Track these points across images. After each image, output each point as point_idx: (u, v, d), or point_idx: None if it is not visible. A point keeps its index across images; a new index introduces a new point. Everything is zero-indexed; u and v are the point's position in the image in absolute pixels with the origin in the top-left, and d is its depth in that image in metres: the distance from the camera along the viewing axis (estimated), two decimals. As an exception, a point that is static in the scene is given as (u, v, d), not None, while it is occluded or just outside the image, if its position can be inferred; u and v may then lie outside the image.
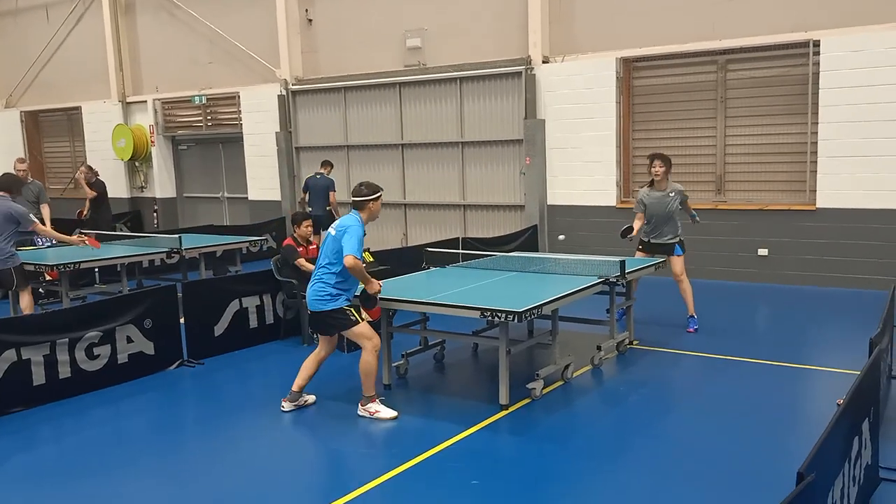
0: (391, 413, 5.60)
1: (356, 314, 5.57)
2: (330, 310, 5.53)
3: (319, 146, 14.07)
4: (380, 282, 5.77)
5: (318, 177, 12.26)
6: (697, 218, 8.02)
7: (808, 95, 9.75)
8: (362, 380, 5.61)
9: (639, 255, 7.88)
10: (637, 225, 7.74)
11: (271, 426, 5.72)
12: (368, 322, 7.33)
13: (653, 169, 7.67)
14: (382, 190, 5.79)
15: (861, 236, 9.54)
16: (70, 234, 12.67)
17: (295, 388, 5.79)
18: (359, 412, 5.63)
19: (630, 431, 5.40)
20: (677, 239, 7.80)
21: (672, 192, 7.68)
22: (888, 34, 9.11)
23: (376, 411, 5.60)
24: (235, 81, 15.05)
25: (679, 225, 7.82)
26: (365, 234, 5.59)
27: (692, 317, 7.81)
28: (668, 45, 10.63)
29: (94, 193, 13.02)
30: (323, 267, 5.56)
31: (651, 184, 7.77)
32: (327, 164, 12.43)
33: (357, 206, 5.66)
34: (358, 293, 5.74)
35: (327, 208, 12.16)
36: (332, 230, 5.62)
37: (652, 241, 7.86)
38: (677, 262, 7.71)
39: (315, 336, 7.83)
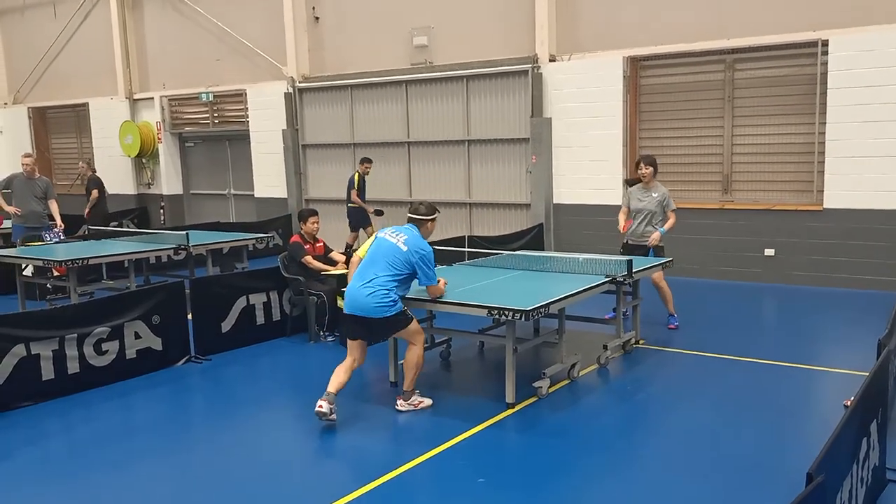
0: (429, 400, 5.83)
1: (409, 313, 5.69)
2: (394, 314, 5.55)
3: (326, 143, 14.09)
4: (443, 280, 5.94)
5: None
6: (663, 231, 7.78)
7: (817, 95, 9.73)
8: (410, 374, 5.71)
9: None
10: (621, 219, 8.00)
11: (278, 422, 5.75)
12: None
13: (639, 171, 7.85)
14: (439, 212, 6.00)
15: (868, 237, 9.52)
16: (77, 230, 12.81)
17: (331, 389, 5.55)
18: (399, 407, 5.72)
19: (637, 429, 5.41)
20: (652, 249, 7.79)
21: (656, 193, 7.78)
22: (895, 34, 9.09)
23: (420, 402, 5.78)
24: (242, 79, 15.08)
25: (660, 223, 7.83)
26: None
27: (672, 315, 7.91)
28: (675, 45, 10.61)
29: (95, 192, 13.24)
30: (384, 276, 5.52)
31: (639, 181, 7.94)
32: (364, 161, 12.32)
33: (416, 224, 5.76)
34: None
35: (349, 204, 12.24)
36: (393, 238, 5.63)
37: (630, 242, 7.93)
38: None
39: (339, 340, 7.81)
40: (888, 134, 9.23)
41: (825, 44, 9.52)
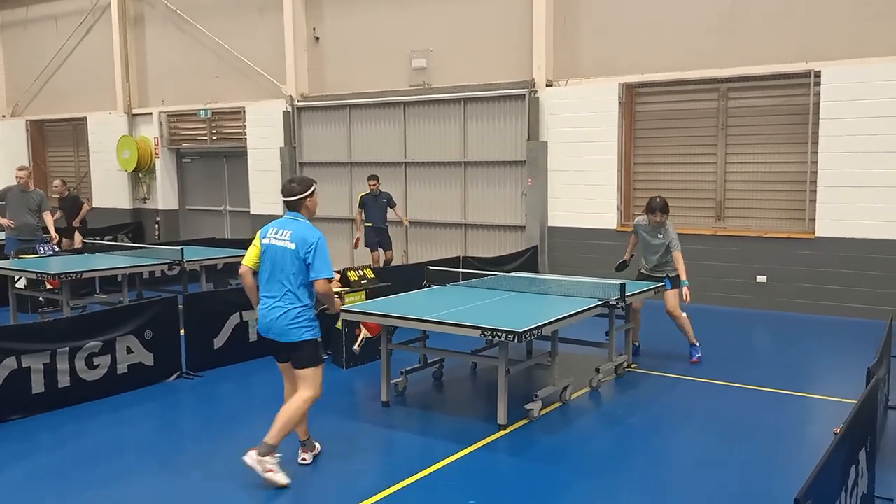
0: (286, 479, 4.74)
1: (321, 352, 5.00)
2: (309, 340, 4.86)
3: (323, 162, 14.16)
4: (339, 298, 5.32)
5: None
6: (686, 283, 7.45)
7: (809, 125, 9.85)
8: (280, 425, 4.79)
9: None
10: (629, 250, 7.97)
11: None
12: (368, 338, 7.39)
13: (652, 217, 7.51)
14: (316, 183, 5.15)
15: (859, 266, 9.59)
16: (71, 242, 12.77)
17: (302, 436, 5.17)
18: (248, 459, 4.74)
19: (628, 454, 5.41)
20: (668, 274, 7.62)
21: (661, 236, 7.54)
22: (888, 66, 9.23)
23: (271, 470, 4.72)
24: (241, 96, 15.17)
25: (671, 261, 7.54)
26: None
27: (694, 345, 7.70)
28: (670, 73, 10.75)
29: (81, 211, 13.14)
30: (290, 290, 4.81)
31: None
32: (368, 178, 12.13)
33: (294, 207, 4.97)
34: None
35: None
36: (278, 240, 4.86)
37: (643, 271, 7.84)
38: (669, 297, 7.57)
39: (331, 358, 7.76)
40: (879, 165, 9.35)
41: (817, 75, 9.66)
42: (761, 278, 10.23)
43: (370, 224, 12.00)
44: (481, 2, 12.27)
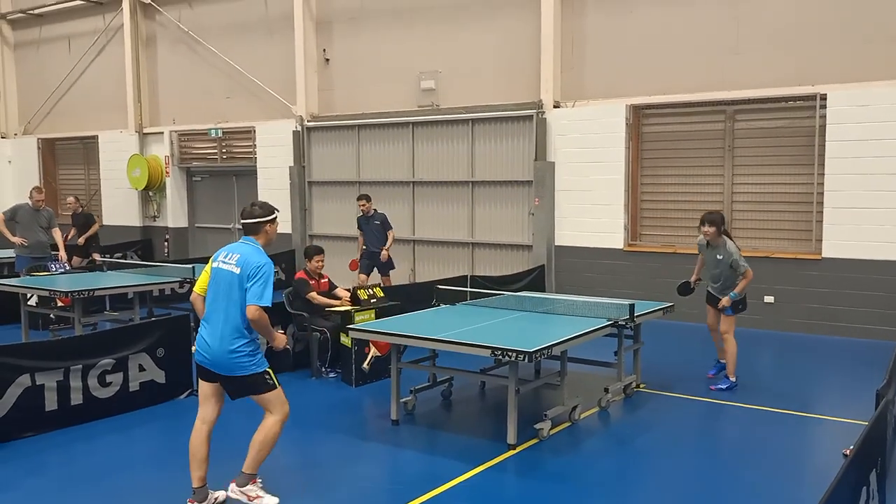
0: (274, 500, 4.65)
1: (273, 376, 4.66)
2: (252, 374, 4.56)
3: (332, 181, 14.27)
4: (285, 337, 5.00)
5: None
6: (733, 295, 7.31)
7: (815, 147, 9.92)
8: (256, 453, 4.62)
9: (708, 307, 7.71)
10: (696, 271, 7.84)
11: (275, 460, 5.73)
12: (377, 357, 7.43)
13: (702, 228, 7.32)
14: (278, 211, 4.93)
15: (866, 287, 9.61)
16: (81, 259, 12.83)
17: (196, 483, 4.66)
18: (231, 493, 4.67)
19: (636, 474, 5.43)
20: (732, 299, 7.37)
21: (720, 256, 7.30)
22: (893, 90, 9.30)
23: (257, 497, 4.62)
24: (252, 116, 15.33)
25: (734, 284, 7.34)
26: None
27: (726, 377, 7.47)
28: (677, 94, 10.84)
29: (91, 229, 13.22)
30: (232, 319, 4.51)
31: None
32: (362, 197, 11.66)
33: (252, 231, 4.74)
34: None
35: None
36: (226, 264, 4.60)
37: (709, 290, 7.65)
38: (723, 321, 7.47)
39: (341, 377, 7.75)
40: (885, 187, 9.39)
41: (823, 98, 9.74)
42: (769, 299, 10.24)
43: (365, 247, 11.62)
44: (489, 24, 12.43)
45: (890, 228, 9.41)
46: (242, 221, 4.79)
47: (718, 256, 7.37)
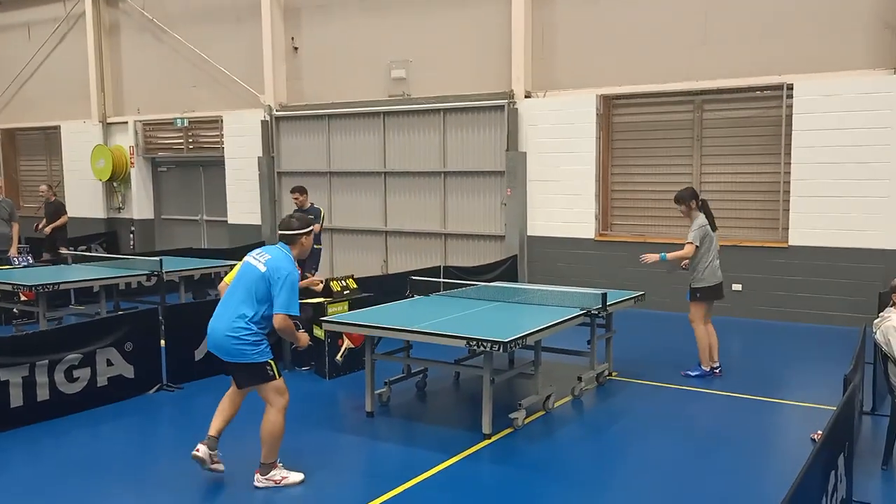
0: (299, 476, 4.96)
1: (275, 368, 4.89)
2: (253, 362, 4.80)
3: (302, 171, 14.13)
4: (307, 336, 5.25)
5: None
6: (663, 256, 7.46)
7: (782, 136, 10.07)
8: (267, 445, 4.88)
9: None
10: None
11: (249, 454, 5.68)
12: (351, 349, 7.39)
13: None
14: (314, 224, 5.29)
15: (831, 274, 9.80)
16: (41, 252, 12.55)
17: (211, 430, 5.04)
18: (258, 483, 4.90)
19: (610, 461, 5.48)
20: (691, 285, 7.45)
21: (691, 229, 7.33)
22: (858, 80, 9.47)
23: (284, 478, 4.92)
24: (219, 105, 15.09)
25: (696, 268, 7.38)
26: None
27: (699, 364, 7.50)
28: (646, 85, 10.92)
29: (60, 219, 12.94)
30: (244, 309, 4.76)
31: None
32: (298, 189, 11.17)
33: (288, 241, 4.99)
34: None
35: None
36: (255, 260, 4.89)
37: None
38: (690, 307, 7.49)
39: (314, 369, 7.76)
40: (850, 175, 9.57)
41: (790, 87, 9.88)
42: (737, 286, 10.39)
43: None
44: (460, 13, 12.37)
45: (855, 216, 9.60)
46: (280, 232, 5.05)
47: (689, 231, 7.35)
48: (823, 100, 9.65)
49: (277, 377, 4.87)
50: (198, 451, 4.96)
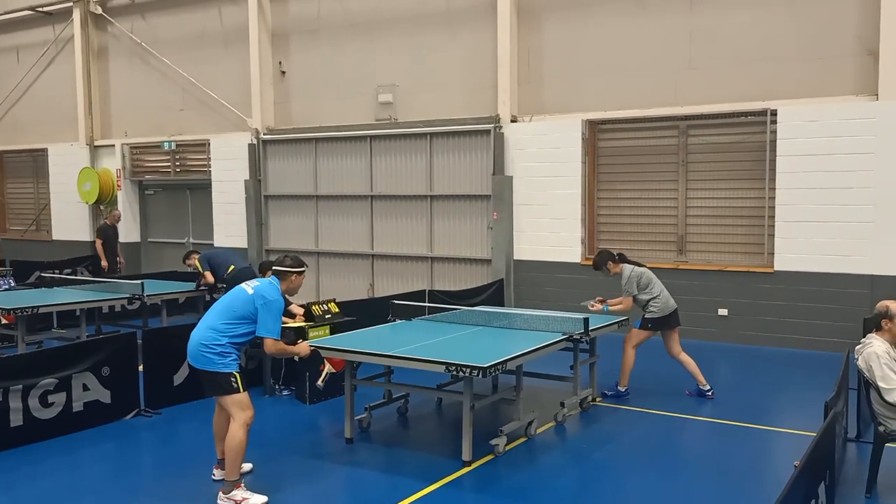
0: (262, 499, 4.95)
1: (240, 381, 5.03)
2: (216, 371, 4.97)
3: (289, 195, 14.10)
4: (307, 343, 5.71)
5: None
6: (605, 308, 7.75)
7: (766, 162, 10.12)
8: (229, 460, 4.97)
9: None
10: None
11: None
12: (332, 373, 7.28)
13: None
14: (307, 267, 5.65)
15: (816, 299, 9.80)
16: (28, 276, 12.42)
17: (219, 454, 5.34)
18: (220, 502, 4.95)
19: (592, 489, 5.40)
20: (644, 315, 7.73)
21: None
22: (842, 106, 9.55)
23: (245, 499, 4.92)
24: (206, 129, 15.09)
25: (647, 306, 7.67)
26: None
27: (617, 385, 7.69)
28: (632, 110, 10.98)
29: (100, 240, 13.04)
30: (220, 321, 5.03)
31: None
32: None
33: (280, 276, 5.28)
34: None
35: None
36: (246, 287, 5.21)
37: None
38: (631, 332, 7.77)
39: (294, 394, 7.71)
40: (834, 201, 9.61)
41: (774, 113, 9.95)
42: (723, 311, 10.38)
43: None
44: (447, 38, 12.46)
45: (840, 242, 9.62)
46: (273, 268, 5.36)
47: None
48: (807, 125, 9.72)
49: (241, 391, 5.02)
50: (214, 475, 5.32)
